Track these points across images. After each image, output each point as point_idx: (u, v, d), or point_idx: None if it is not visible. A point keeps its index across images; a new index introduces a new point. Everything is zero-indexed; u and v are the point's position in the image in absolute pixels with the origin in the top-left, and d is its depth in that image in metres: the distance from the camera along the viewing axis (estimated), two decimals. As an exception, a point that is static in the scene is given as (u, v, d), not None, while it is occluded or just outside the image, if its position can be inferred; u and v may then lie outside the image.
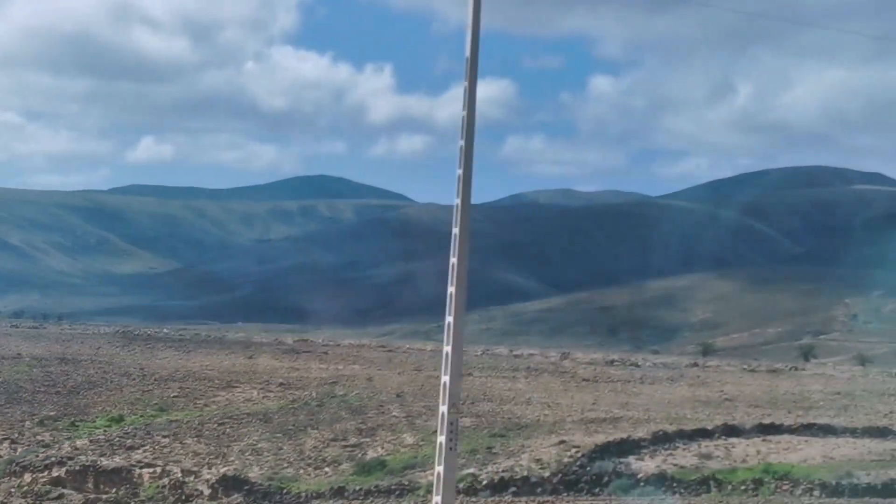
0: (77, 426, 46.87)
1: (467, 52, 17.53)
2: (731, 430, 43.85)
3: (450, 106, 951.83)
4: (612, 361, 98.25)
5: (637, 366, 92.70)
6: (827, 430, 44.65)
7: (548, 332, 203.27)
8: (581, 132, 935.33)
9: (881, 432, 44.73)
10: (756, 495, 31.89)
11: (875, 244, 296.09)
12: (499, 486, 34.01)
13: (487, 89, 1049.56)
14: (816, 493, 31.20)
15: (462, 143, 17.49)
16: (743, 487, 32.58)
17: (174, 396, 55.57)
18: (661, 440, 40.71)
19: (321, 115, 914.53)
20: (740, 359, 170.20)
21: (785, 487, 31.94)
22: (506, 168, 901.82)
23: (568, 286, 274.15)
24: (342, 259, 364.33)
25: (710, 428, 43.84)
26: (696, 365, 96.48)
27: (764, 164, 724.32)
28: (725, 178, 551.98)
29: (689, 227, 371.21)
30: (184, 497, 34.21)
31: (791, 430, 44.56)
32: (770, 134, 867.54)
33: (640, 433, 41.82)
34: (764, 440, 42.43)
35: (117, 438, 43.35)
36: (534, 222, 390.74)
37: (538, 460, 36.50)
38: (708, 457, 38.18)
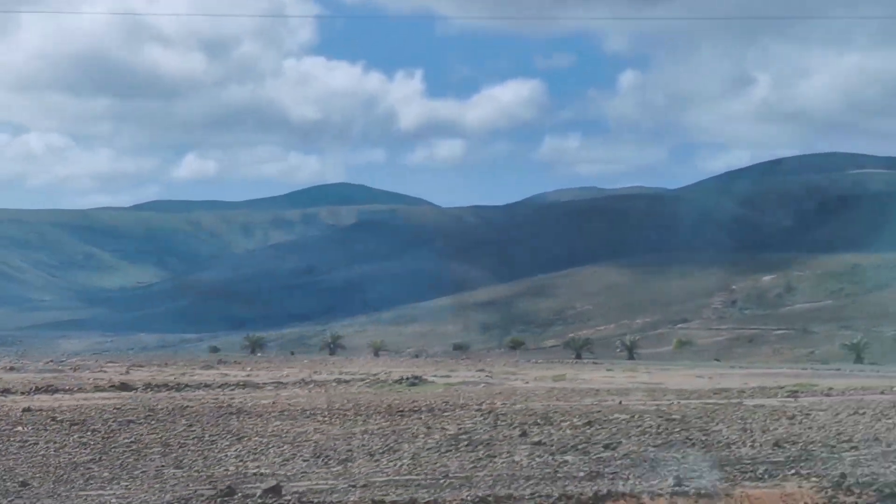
0: None
1: None
2: None
3: (478, 108, 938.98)
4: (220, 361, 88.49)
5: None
6: None
7: (420, 332, 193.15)
8: (612, 129, 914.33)
9: None
10: None
11: (822, 227, 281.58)
12: None
13: (517, 90, 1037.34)
14: None
15: None
16: None
17: None
18: None
19: (352, 124, 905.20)
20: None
21: None
22: (542, 168, 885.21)
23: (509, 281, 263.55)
24: (304, 265, 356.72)
25: None
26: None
27: (791, 152, 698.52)
28: (744, 167, 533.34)
29: (667, 219, 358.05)
30: None
31: None
32: (796, 122, 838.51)
33: None
34: None
35: None
36: (503, 222, 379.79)
37: None
38: None
